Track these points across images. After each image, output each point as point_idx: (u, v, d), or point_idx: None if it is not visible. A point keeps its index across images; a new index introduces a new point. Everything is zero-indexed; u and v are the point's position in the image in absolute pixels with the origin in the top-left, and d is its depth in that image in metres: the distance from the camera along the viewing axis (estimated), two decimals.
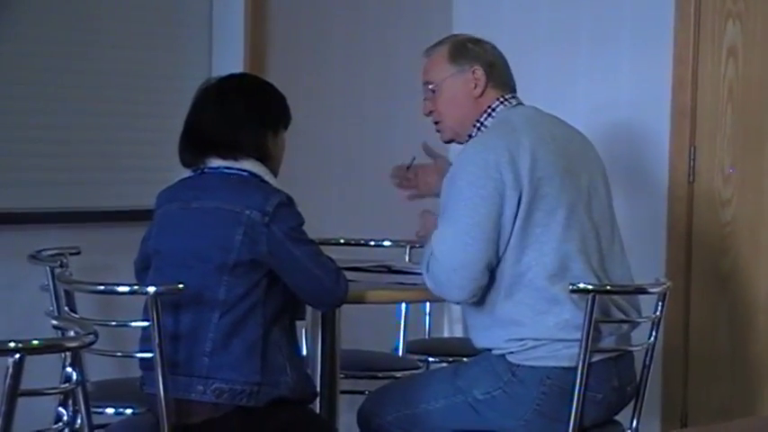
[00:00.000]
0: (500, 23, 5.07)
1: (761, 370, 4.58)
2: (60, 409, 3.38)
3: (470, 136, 3.30)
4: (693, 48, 4.67)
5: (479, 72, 3.30)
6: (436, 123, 3.38)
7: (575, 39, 4.98)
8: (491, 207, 3.11)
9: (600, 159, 3.37)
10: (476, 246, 3.10)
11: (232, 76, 3.33)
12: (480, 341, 3.25)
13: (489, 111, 3.30)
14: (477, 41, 3.36)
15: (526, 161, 3.13)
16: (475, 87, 3.30)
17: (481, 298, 3.18)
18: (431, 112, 3.37)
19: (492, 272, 3.15)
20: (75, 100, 4.28)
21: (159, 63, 4.49)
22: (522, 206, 3.12)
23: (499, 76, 3.32)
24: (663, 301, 3.33)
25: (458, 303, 3.22)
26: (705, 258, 4.69)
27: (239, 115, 3.15)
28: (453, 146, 3.53)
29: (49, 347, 2.36)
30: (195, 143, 3.18)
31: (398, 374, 4.07)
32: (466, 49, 3.32)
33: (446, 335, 5.23)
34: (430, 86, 3.35)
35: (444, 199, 3.19)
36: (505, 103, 3.31)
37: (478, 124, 3.30)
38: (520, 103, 3.34)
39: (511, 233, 3.12)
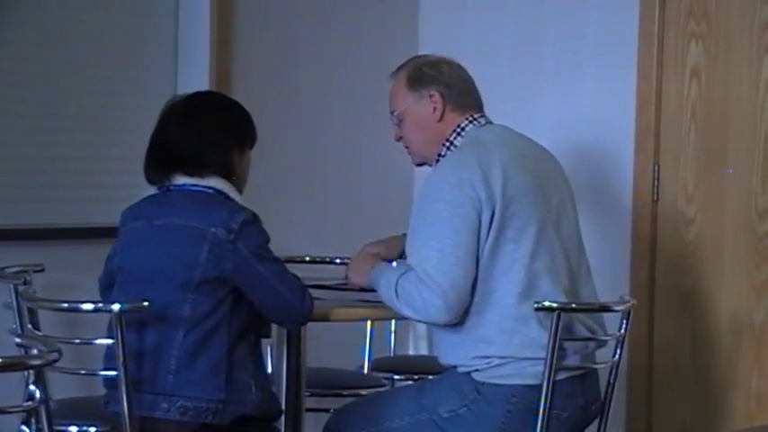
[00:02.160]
0: (465, 41, 5.10)
1: (723, 387, 4.60)
2: (23, 427, 3.35)
3: (440, 155, 3.32)
4: (657, 67, 4.71)
5: (436, 96, 3.31)
6: (407, 148, 3.41)
7: (539, 57, 5.01)
8: (471, 225, 3.12)
9: (567, 180, 3.40)
10: (462, 265, 3.10)
11: (199, 94, 3.33)
12: (446, 358, 3.26)
13: (459, 130, 3.31)
14: (435, 64, 3.36)
15: (498, 178, 3.14)
16: (434, 111, 3.31)
17: None
18: (400, 138, 3.39)
19: None
20: (38, 117, 4.26)
21: (124, 81, 4.48)
22: (495, 223, 3.13)
23: (458, 97, 3.33)
24: (627, 320, 3.35)
25: (444, 325, 3.19)
26: (669, 277, 4.71)
27: (206, 132, 3.15)
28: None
29: (11, 365, 2.35)
30: (161, 160, 3.17)
31: (364, 392, 4.06)
32: (422, 74, 3.34)
33: (411, 352, 5.23)
34: (395, 114, 3.37)
35: (419, 220, 3.18)
36: (474, 122, 3.32)
37: (448, 143, 3.31)
38: (489, 122, 3.35)
39: (483, 250, 3.13)
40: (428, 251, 3.12)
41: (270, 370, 3.58)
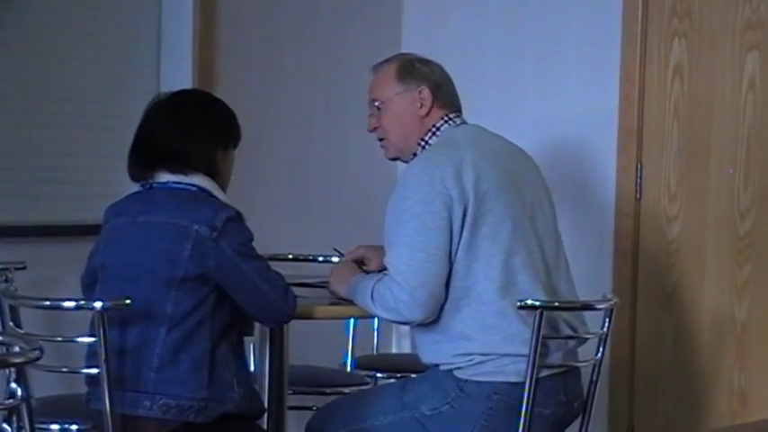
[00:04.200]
0: (449, 40, 5.10)
1: (705, 385, 4.62)
2: (4, 425, 3.34)
3: (414, 155, 3.32)
4: (640, 66, 4.72)
5: (426, 92, 3.32)
6: (380, 140, 3.40)
7: (522, 56, 5.01)
8: (441, 222, 3.12)
9: (543, 177, 3.41)
10: (433, 262, 3.11)
11: (184, 92, 3.33)
12: (428, 356, 3.26)
13: (434, 129, 3.32)
14: (426, 62, 3.38)
15: (470, 176, 3.15)
16: (421, 107, 3.32)
17: None
18: (375, 129, 3.39)
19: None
20: (19, 112, 4.24)
21: (107, 77, 4.46)
22: (469, 220, 3.14)
23: (445, 97, 3.35)
24: (610, 317, 3.35)
25: (418, 324, 3.19)
26: (651, 274, 4.73)
27: (190, 130, 3.15)
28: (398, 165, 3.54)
29: None
30: (144, 157, 3.16)
31: (347, 390, 4.07)
32: (414, 69, 3.35)
33: (394, 351, 5.24)
34: (376, 103, 3.37)
35: (391, 218, 3.20)
36: (450, 122, 3.33)
37: (423, 143, 3.32)
38: (464, 122, 3.37)
39: (458, 247, 3.14)
40: (399, 248, 3.14)
41: (252, 368, 3.58)
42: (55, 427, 3.43)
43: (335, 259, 4.45)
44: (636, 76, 4.72)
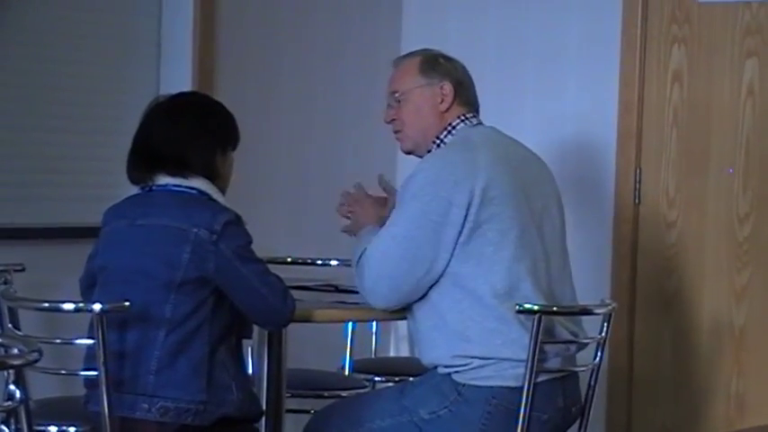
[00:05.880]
0: (448, 42, 5.07)
1: (703, 390, 4.62)
2: (2, 427, 3.34)
3: (429, 152, 3.32)
4: (639, 71, 4.72)
5: (448, 88, 3.31)
6: (397, 132, 3.39)
7: (522, 60, 5.02)
8: (431, 224, 3.13)
9: (555, 185, 3.40)
10: (406, 259, 3.13)
11: (183, 94, 3.32)
12: (427, 356, 3.25)
13: (450, 128, 3.32)
14: (450, 58, 3.38)
15: (481, 179, 3.15)
16: (441, 102, 3.31)
17: (430, 310, 3.19)
18: (393, 120, 3.38)
19: (442, 285, 3.16)
20: (19, 115, 4.24)
21: (106, 80, 4.46)
22: (469, 224, 3.13)
23: (466, 95, 3.34)
24: (608, 322, 3.35)
25: (382, 311, 3.25)
26: (650, 279, 4.73)
27: (189, 132, 3.14)
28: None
29: None
30: (144, 160, 3.16)
31: (345, 393, 4.07)
32: (438, 64, 3.34)
33: (392, 354, 5.24)
34: (396, 95, 3.35)
35: (396, 205, 3.23)
36: (466, 121, 3.33)
37: (438, 141, 3.32)
38: (480, 123, 3.36)
39: (456, 249, 3.13)
40: (385, 235, 3.18)
41: (251, 371, 3.58)
42: (53, 429, 3.42)
43: (334, 263, 4.47)
44: (635, 81, 4.73)
